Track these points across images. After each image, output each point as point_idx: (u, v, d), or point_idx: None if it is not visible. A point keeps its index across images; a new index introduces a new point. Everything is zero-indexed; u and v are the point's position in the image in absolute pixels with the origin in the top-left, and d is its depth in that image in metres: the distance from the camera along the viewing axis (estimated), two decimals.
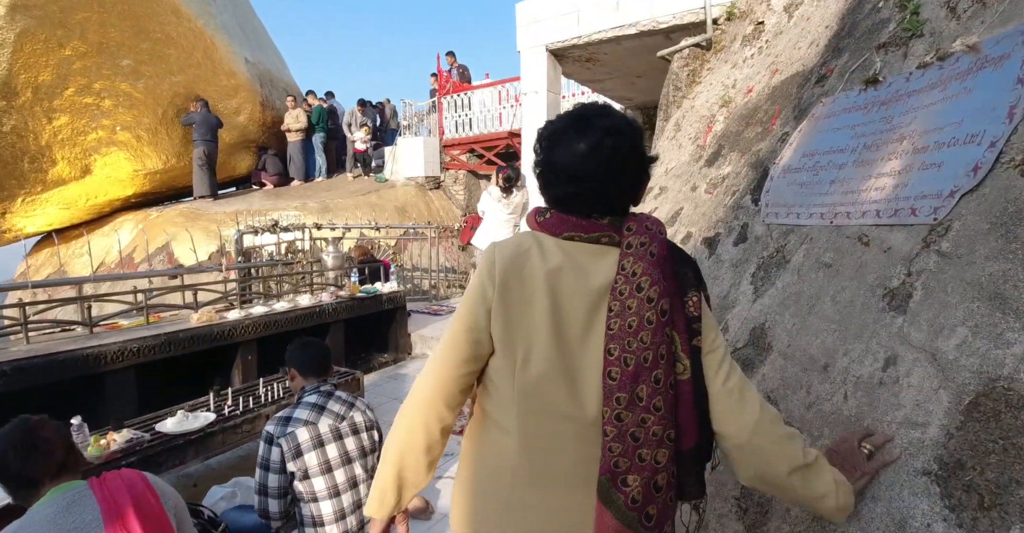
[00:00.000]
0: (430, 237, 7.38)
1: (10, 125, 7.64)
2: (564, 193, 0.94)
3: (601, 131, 0.91)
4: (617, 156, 0.91)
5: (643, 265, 0.87)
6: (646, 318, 0.85)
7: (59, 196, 8.89)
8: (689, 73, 3.84)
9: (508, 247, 0.95)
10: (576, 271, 0.91)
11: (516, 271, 0.92)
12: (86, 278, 3.49)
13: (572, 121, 0.95)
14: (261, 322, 3.86)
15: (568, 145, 0.93)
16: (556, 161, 0.94)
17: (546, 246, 0.93)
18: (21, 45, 7.11)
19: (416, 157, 9.78)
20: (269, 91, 10.63)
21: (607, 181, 0.92)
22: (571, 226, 0.92)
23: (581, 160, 0.91)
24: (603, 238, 0.92)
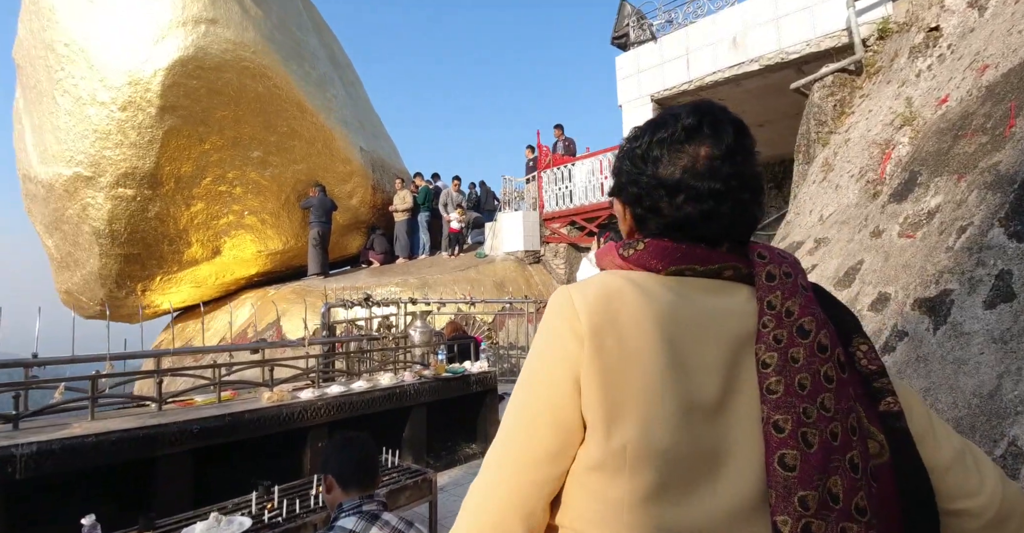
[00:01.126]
0: (527, 312, 6.85)
1: (154, 211, 8.54)
2: (686, 215, 0.70)
3: (732, 128, 0.70)
4: (754, 160, 0.71)
5: (799, 301, 0.64)
6: (823, 374, 0.61)
7: (192, 275, 9.68)
8: (836, 104, 3.14)
9: (589, 290, 0.68)
10: (698, 313, 0.65)
11: (609, 318, 0.65)
12: (163, 352, 3.34)
13: (693, 119, 0.70)
14: (335, 404, 3.44)
15: (691, 150, 0.70)
16: (671, 174, 0.70)
17: (644, 284, 0.68)
18: (168, 141, 8.07)
19: (515, 231, 9.58)
20: (380, 175, 11.26)
21: (750, 193, 0.70)
22: (680, 257, 0.68)
23: (715, 167, 0.68)
24: (726, 271, 0.69)
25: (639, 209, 0.74)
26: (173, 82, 7.88)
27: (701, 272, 0.68)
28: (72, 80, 8.05)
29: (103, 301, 9.62)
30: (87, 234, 8.75)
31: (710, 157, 0.69)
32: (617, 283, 0.68)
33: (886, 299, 1.73)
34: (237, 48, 8.23)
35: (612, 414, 0.62)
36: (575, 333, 0.65)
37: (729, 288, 0.69)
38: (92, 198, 8.43)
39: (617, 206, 0.81)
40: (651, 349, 0.62)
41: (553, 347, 0.67)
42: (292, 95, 8.99)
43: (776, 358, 0.62)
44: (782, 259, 0.70)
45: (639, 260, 0.70)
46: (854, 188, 2.50)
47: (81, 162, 8.23)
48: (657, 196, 0.71)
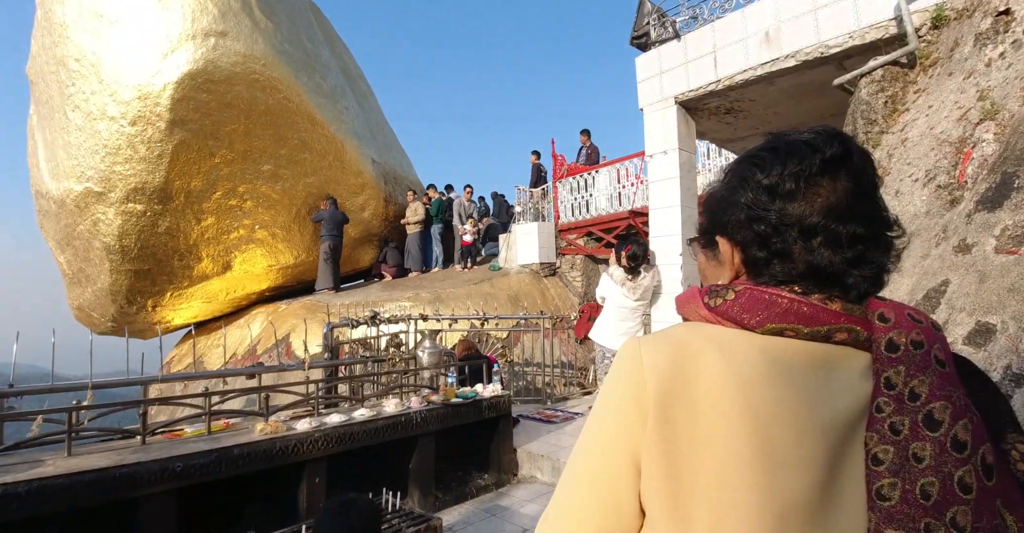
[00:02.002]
0: (543, 328, 6.54)
1: (164, 226, 8.43)
2: (828, 262, 0.56)
3: (860, 157, 0.59)
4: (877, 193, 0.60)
5: (930, 380, 0.50)
6: (957, 480, 0.47)
7: (203, 290, 9.56)
8: (887, 100, 2.82)
9: (663, 348, 0.56)
10: (795, 389, 0.51)
11: (683, 387, 0.53)
12: (151, 379, 3.10)
13: (837, 147, 0.58)
14: (334, 435, 3.16)
15: (829, 184, 0.57)
16: (805, 213, 0.57)
17: (731, 347, 0.54)
18: (177, 155, 7.97)
19: (530, 243, 9.29)
20: (393, 188, 11.08)
21: (883, 233, 0.58)
22: (781, 313, 0.54)
23: (855, 206, 0.57)
24: (837, 333, 0.54)
25: (763, 252, 0.60)
26: (182, 96, 7.79)
27: (806, 334, 0.54)
28: (83, 95, 8.01)
29: (114, 317, 9.54)
30: (98, 250, 8.68)
31: (850, 194, 0.57)
32: (697, 343, 0.56)
33: (990, 331, 1.39)
34: (247, 61, 8.13)
35: (678, 511, 0.51)
36: (638, 402, 0.55)
37: (840, 357, 0.55)
38: (103, 213, 8.36)
39: (724, 247, 0.66)
40: (732, 433, 0.50)
41: (613, 415, 0.58)
42: (303, 107, 8.87)
43: (892, 454, 0.50)
44: (913, 323, 0.55)
45: (728, 312, 0.57)
46: (921, 194, 2.16)
47: (91, 177, 8.17)
48: (789, 238, 0.57)
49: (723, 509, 0.49)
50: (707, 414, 0.51)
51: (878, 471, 0.50)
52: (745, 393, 0.51)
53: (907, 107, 2.78)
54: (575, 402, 6.21)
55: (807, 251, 0.57)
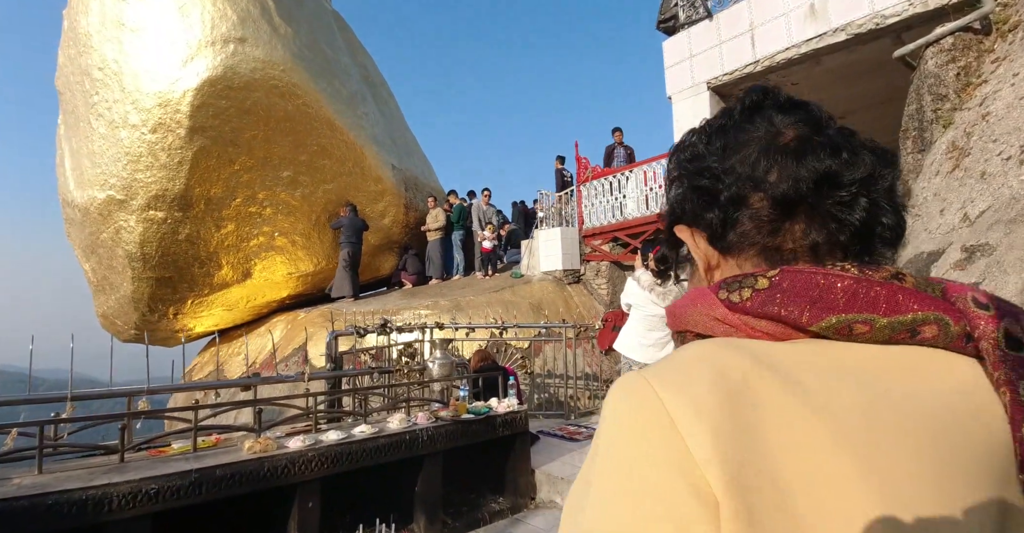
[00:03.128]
0: (566, 337, 6.18)
1: (184, 234, 8.39)
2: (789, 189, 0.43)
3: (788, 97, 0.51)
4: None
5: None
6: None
7: (223, 298, 9.49)
8: (959, 72, 2.41)
9: (700, 392, 0.34)
10: (902, 421, 0.34)
11: (755, 447, 0.33)
12: (136, 390, 2.87)
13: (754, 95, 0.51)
14: (329, 455, 2.87)
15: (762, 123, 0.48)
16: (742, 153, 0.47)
17: (791, 364, 0.37)
18: (197, 162, 7.92)
19: (553, 250, 8.95)
20: (413, 194, 10.91)
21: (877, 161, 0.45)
22: (848, 297, 0.38)
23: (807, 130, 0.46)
24: (926, 326, 0.37)
25: (715, 211, 0.46)
26: (202, 103, 7.75)
27: (884, 327, 0.37)
28: (106, 104, 8.06)
29: (137, 325, 9.55)
30: (120, 257, 8.69)
31: (794, 125, 0.46)
32: (741, 366, 0.36)
33: None
34: (266, 67, 8.07)
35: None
36: (692, 486, 0.32)
37: (940, 365, 0.38)
38: (124, 221, 8.37)
39: (684, 235, 0.52)
40: (847, 499, 0.32)
41: (651, 513, 0.32)
42: (322, 113, 8.77)
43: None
44: (1008, 307, 0.38)
45: (765, 307, 0.40)
46: (1019, 173, 1.76)
47: (114, 185, 8.19)
48: (736, 180, 0.45)
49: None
50: (807, 499, 0.32)
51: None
52: (852, 450, 0.33)
53: (984, 78, 2.37)
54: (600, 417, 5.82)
55: (761, 186, 0.44)
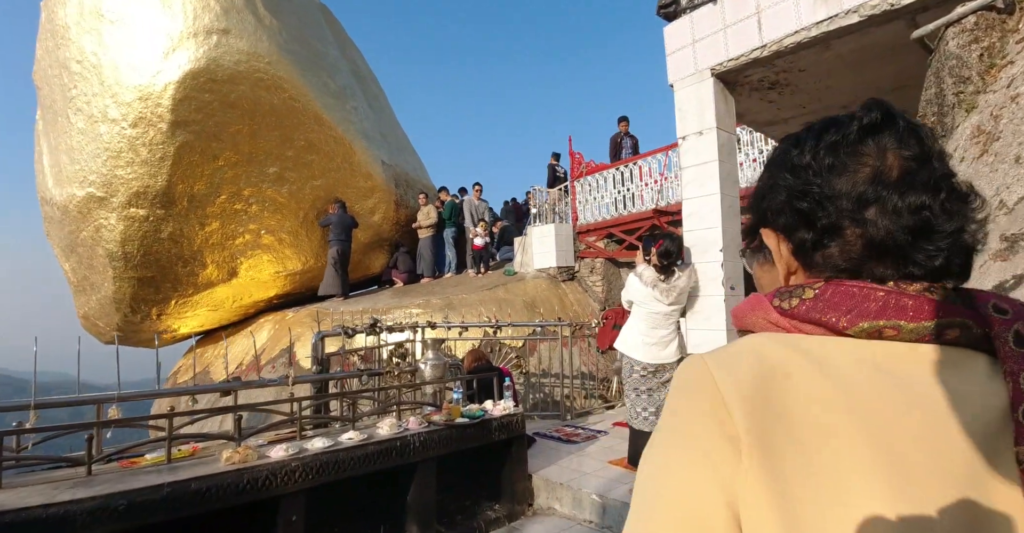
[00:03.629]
0: (561, 336, 6.02)
1: (167, 232, 8.14)
2: (887, 232, 0.47)
3: (906, 120, 0.50)
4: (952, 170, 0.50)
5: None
6: None
7: (208, 298, 9.24)
8: (982, 53, 2.28)
9: (739, 365, 0.46)
10: (913, 401, 0.42)
11: (779, 414, 0.43)
12: (106, 397, 2.67)
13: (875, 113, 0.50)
14: (315, 464, 2.69)
15: (873, 149, 0.49)
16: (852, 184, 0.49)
17: (824, 356, 0.45)
18: (180, 158, 7.68)
19: (547, 246, 8.80)
20: (404, 191, 10.70)
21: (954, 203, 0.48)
22: (879, 306, 0.45)
23: (913, 172, 0.48)
24: (949, 330, 0.45)
25: (807, 232, 0.51)
26: (184, 96, 7.50)
27: (911, 331, 0.45)
28: (84, 98, 7.79)
29: (119, 326, 9.27)
30: (101, 257, 8.42)
31: (904, 157, 0.48)
32: (779, 354, 0.46)
33: None
34: (251, 59, 7.83)
35: None
36: (726, 435, 0.43)
37: (957, 358, 0.45)
38: (105, 219, 8.10)
39: (770, 240, 0.56)
40: (855, 460, 0.40)
41: (691, 454, 0.44)
42: (309, 107, 8.54)
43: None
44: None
45: (809, 314, 0.48)
46: None
47: (94, 182, 7.92)
48: (835, 210, 0.49)
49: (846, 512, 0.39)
50: (815, 441, 0.41)
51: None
52: (856, 411, 0.42)
53: (1009, 59, 2.24)
54: (597, 418, 5.67)
55: (860, 224, 0.48)
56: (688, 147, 3.34)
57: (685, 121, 3.36)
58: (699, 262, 3.22)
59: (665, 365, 3.24)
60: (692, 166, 3.30)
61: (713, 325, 3.13)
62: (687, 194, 3.32)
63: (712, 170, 3.19)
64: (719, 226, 3.13)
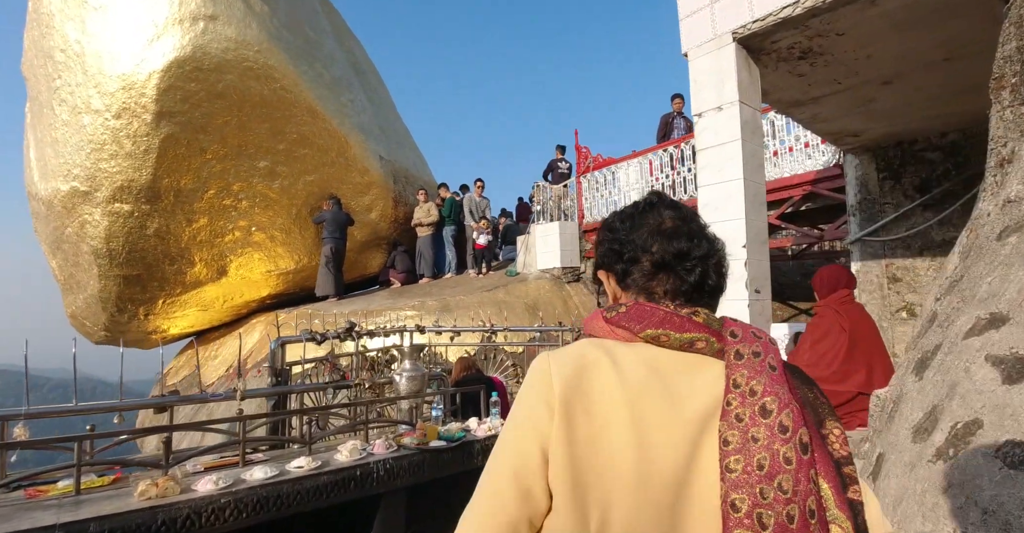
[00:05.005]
0: (563, 341, 5.53)
1: (153, 228, 7.78)
2: (661, 257, 0.77)
3: (670, 199, 0.86)
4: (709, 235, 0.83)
5: (764, 380, 0.66)
6: (782, 455, 0.62)
7: (197, 298, 8.88)
8: None
9: (568, 358, 0.72)
10: (666, 389, 0.68)
11: (582, 393, 0.68)
12: (11, 413, 2.24)
13: (651, 196, 0.87)
14: (250, 500, 2.23)
15: (656, 215, 0.81)
16: (643, 233, 0.80)
17: (620, 356, 0.71)
18: (165, 150, 7.32)
19: (551, 246, 8.32)
20: (403, 187, 10.28)
21: (711, 246, 0.79)
22: (659, 320, 0.71)
23: (679, 227, 0.79)
24: (699, 342, 0.71)
25: (620, 264, 0.80)
26: (169, 85, 7.14)
27: (675, 339, 0.70)
28: (68, 88, 7.45)
29: (106, 326, 8.95)
30: (86, 254, 8.09)
31: (673, 218, 0.79)
32: (594, 354, 0.71)
33: None
34: (239, 47, 7.44)
35: (577, 488, 0.64)
36: (548, 404, 0.68)
37: (702, 363, 0.70)
38: (89, 214, 7.76)
39: (603, 277, 0.87)
40: (618, 425, 0.65)
41: (526, 415, 0.70)
42: (302, 98, 8.14)
43: (737, 436, 0.64)
44: (754, 338, 0.72)
45: (620, 321, 0.73)
46: None
47: (78, 176, 7.58)
48: (634, 248, 0.78)
49: (611, 486, 0.63)
50: (600, 412, 0.66)
51: (727, 450, 0.63)
52: (628, 395, 0.66)
53: None
54: None
55: (648, 254, 0.77)
56: (704, 126, 2.85)
57: (701, 95, 2.87)
58: None
59: None
60: (709, 148, 2.81)
61: None
62: (703, 181, 2.83)
63: (733, 151, 2.69)
64: (742, 217, 2.63)
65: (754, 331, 0.73)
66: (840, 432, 0.69)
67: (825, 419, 0.69)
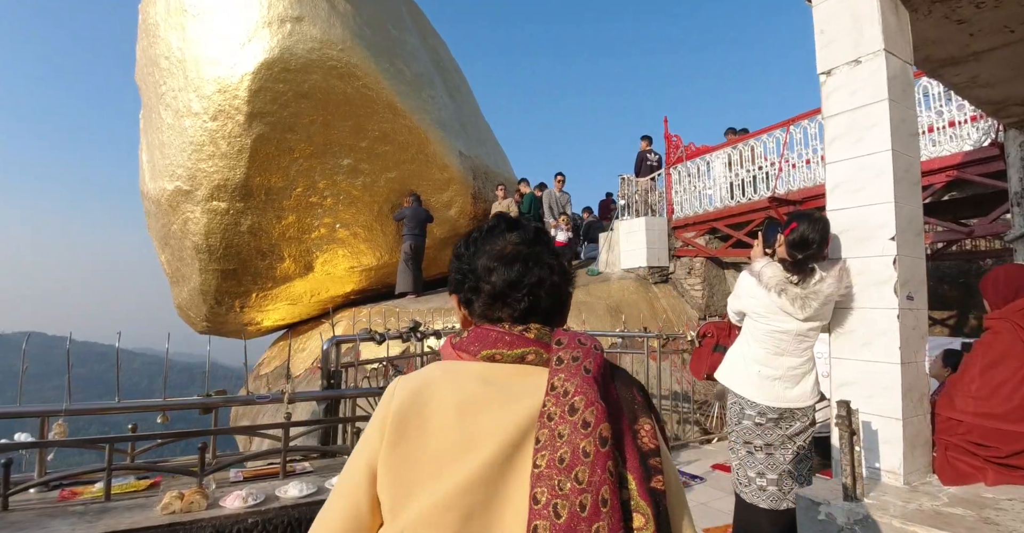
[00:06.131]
0: (647, 347, 4.99)
1: (247, 225, 8.10)
2: (497, 286, 0.82)
3: (516, 223, 0.90)
4: (553, 252, 0.87)
5: (576, 382, 0.71)
6: (581, 449, 0.66)
7: (287, 292, 9.19)
8: None
9: (412, 380, 0.78)
10: (496, 399, 0.73)
11: (417, 411, 0.73)
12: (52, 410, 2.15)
13: (496, 221, 0.92)
14: (281, 521, 1.98)
15: (501, 239, 0.86)
16: (484, 260, 0.85)
17: (459, 373, 0.77)
18: (257, 150, 7.57)
19: (636, 243, 7.71)
20: (483, 183, 10.08)
21: (547, 270, 0.84)
22: (493, 341, 0.78)
23: (519, 251, 0.84)
24: (529, 355, 0.77)
25: (463, 293, 0.86)
26: (260, 87, 7.37)
27: (508, 356, 0.76)
28: (172, 93, 7.93)
29: (207, 317, 9.50)
30: (188, 249, 8.60)
31: (515, 243, 0.84)
32: (435, 374, 0.77)
33: None
34: (323, 47, 7.55)
35: (400, 497, 0.69)
36: (381, 423, 0.73)
37: (531, 373, 0.75)
38: (191, 212, 8.23)
39: (454, 303, 0.91)
40: (447, 433, 0.70)
41: (365, 436, 0.76)
42: (383, 95, 8.14)
43: (546, 434, 0.68)
44: (578, 345, 0.76)
45: (462, 345, 0.80)
46: None
47: (181, 176, 8.05)
48: (475, 277, 0.83)
49: (430, 489, 0.67)
50: (433, 424, 0.71)
51: (537, 448, 0.67)
52: (461, 406, 0.71)
53: None
54: (692, 453, 4.58)
55: (488, 283, 0.82)
56: (835, 86, 2.24)
57: (831, 47, 2.26)
58: (854, 257, 2.12)
59: (795, 411, 2.18)
60: (842, 113, 2.20)
61: (876, 354, 2.02)
62: (834, 156, 2.22)
63: (877, 115, 2.07)
64: (889, 201, 2.01)
65: (580, 338, 0.78)
66: (651, 427, 0.73)
67: (639, 416, 0.74)
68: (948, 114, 5.13)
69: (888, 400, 1.98)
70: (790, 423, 2.18)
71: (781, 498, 2.12)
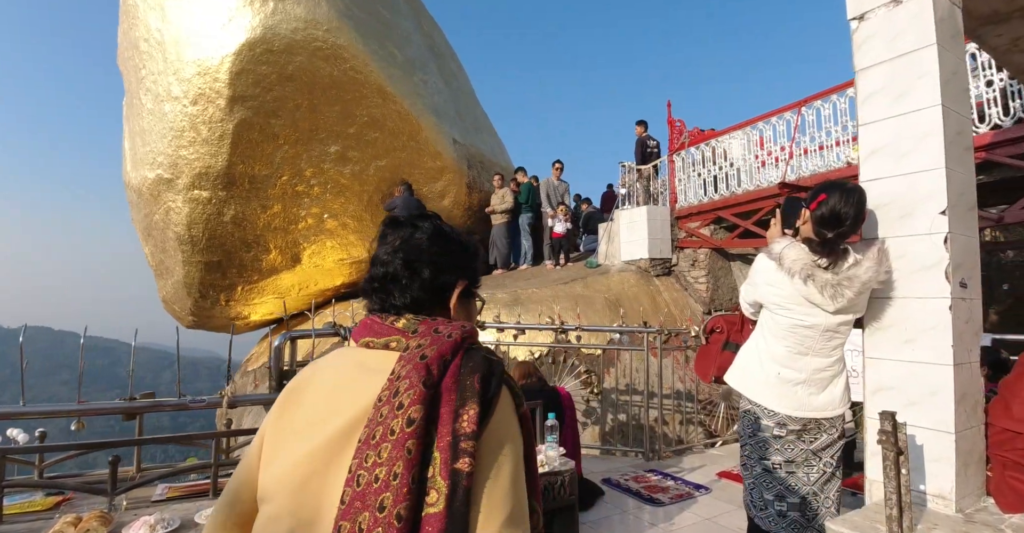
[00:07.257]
0: (647, 342, 4.65)
1: (230, 215, 7.77)
2: (366, 284, 0.95)
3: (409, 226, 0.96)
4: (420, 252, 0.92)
5: (408, 368, 0.76)
6: (390, 428, 0.72)
7: (273, 285, 8.86)
8: None
9: (311, 367, 0.89)
10: (360, 380, 0.81)
11: (302, 388, 0.85)
12: None
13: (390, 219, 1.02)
14: None
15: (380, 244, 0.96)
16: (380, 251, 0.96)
17: (344, 357, 0.87)
18: (239, 136, 7.23)
19: (638, 234, 7.35)
20: (478, 173, 9.71)
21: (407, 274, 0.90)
22: (367, 330, 0.87)
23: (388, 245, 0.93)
24: (392, 343, 0.84)
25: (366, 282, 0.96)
26: (241, 69, 7.01)
27: (376, 343, 0.84)
28: (152, 77, 7.57)
29: (192, 311, 9.18)
30: (171, 240, 8.28)
31: (385, 243, 0.94)
32: (328, 360, 0.88)
33: None
34: (308, 26, 7.18)
35: (268, 458, 0.80)
36: (275, 404, 0.86)
37: (393, 357, 0.81)
38: (172, 201, 7.89)
39: None
40: (316, 408, 0.80)
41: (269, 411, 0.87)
42: (372, 79, 7.78)
43: (373, 413, 0.74)
44: (431, 334, 0.82)
45: (354, 334, 0.91)
46: None
47: (161, 163, 7.71)
48: (368, 277, 0.95)
49: (292, 450, 0.77)
50: (308, 398, 0.82)
51: (366, 425, 0.74)
52: (335, 385, 0.82)
53: None
54: (696, 459, 4.24)
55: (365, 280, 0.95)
56: (871, 31, 1.87)
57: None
58: (894, 236, 1.76)
59: (821, 421, 1.82)
60: (879, 64, 1.84)
61: (922, 353, 1.67)
62: (868, 116, 1.86)
63: (924, 64, 1.71)
64: (940, 167, 1.66)
65: (439, 328, 0.82)
66: (475, 412, 0.73)
67: (468, 401, 0.74)
68: (975, 90, 4.75)
69: (936, 409, 1.63)
70: (815, 436, 1.82)
71: (805, 526, 1.77)
